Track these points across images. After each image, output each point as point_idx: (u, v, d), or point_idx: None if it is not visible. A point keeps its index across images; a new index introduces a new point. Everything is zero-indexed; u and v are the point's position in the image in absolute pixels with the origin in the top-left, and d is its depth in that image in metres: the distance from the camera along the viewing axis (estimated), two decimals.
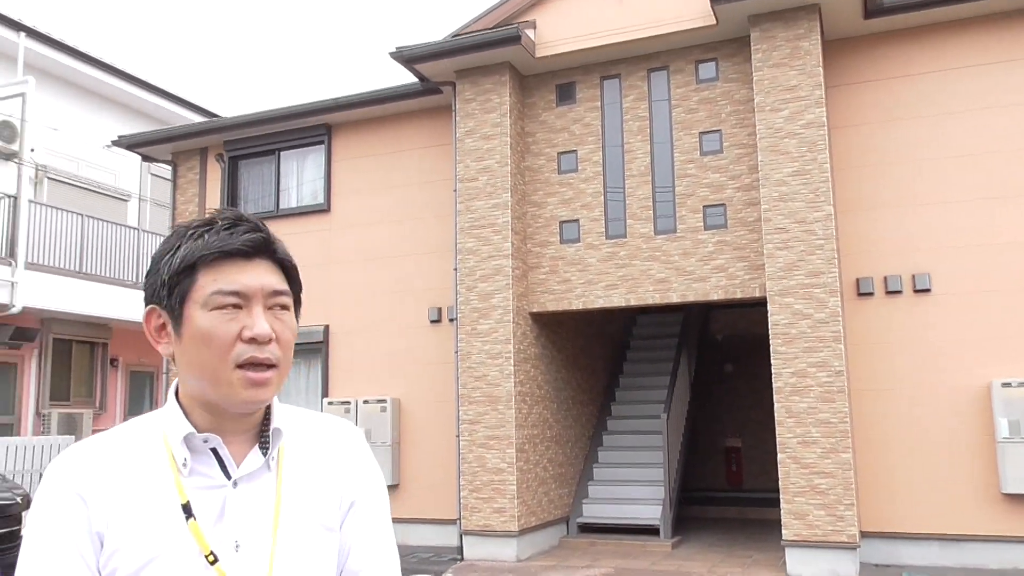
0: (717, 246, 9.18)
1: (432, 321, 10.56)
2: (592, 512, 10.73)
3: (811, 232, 8.44)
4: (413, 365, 10.63)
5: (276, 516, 1.26)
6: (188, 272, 1.23)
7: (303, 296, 1.39)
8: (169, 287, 1.24)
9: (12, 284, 12.38)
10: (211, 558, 1.19)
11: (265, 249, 1.28)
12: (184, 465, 1.23)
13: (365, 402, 10.56)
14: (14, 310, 12.42)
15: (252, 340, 1.23)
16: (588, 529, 10.62)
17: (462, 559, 9.36)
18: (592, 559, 9.30)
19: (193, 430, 1.24)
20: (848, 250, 8.84)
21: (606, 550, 9.81)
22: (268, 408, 1.33)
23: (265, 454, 1.29)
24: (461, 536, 9.53)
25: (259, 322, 1.24)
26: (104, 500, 1.20)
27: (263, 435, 1.31)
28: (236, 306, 1.23)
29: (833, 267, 8.34)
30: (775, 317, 8.50)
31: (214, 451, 1.26)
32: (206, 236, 1.25)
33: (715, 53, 9.46)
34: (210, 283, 1.23)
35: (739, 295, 9.07)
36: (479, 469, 9.41)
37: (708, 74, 9.49)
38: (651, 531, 10.22)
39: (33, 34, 13.95)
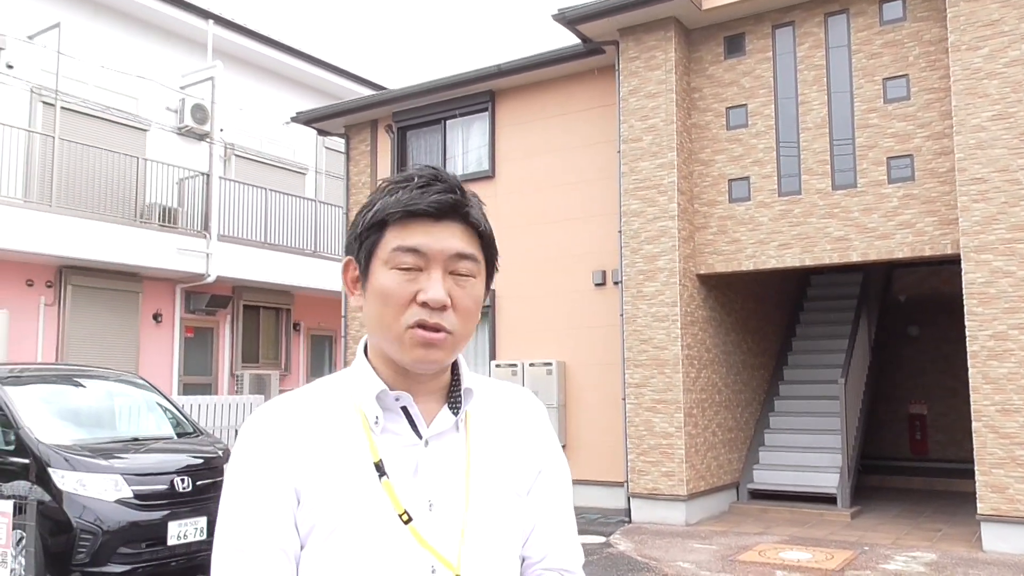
0: (903, 200, 8.56)
1: (597, 284, 10.52)
2: (763, 478, 10.42)
3: (1015, 182, 7.70)
4: (578, 328, 10.65)
5: (467, 477, 1.25)
6: (378, 228, 1.23)
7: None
8: (360, 241, 1.25)
9: (207, 255, 13.42)
10: (405, 517, 1.19)
11: (456, 211, 1.24)
12: (376, 423, 1.22)
13: (531, 365, 10.71)
14: (209, 279, 13.48)
15: (425, 304, 1.19)
16: (759, 495, 10.34)
17: (630, 521, 9.35)
18: (765, 526, 9.04)
19: (386, 387, 1.23)
20: None
21: (779, 517, 9.52)
22: (456, 370, 1.31)
23: (456, 414, 1.28)
24: (629, 499, 9.52)
25: (434, 287, 1.20)
26: (301, 457, 1.19)
27: (451, 396, 1.29)
28: (417, 267, 1.21)
29: None
30: (971, 275, 7.86)
31: (404, 410, 1.24)
32: (400, 193, 1.24)
33: None
34: (393, 240, 1.22)
35: (928, 252, 8.44)
36: (646, 433, 9.34)
37: (893, 14, 8.79)
38: (827, 500, 9.81)
39: (219, 20, 14.89)
